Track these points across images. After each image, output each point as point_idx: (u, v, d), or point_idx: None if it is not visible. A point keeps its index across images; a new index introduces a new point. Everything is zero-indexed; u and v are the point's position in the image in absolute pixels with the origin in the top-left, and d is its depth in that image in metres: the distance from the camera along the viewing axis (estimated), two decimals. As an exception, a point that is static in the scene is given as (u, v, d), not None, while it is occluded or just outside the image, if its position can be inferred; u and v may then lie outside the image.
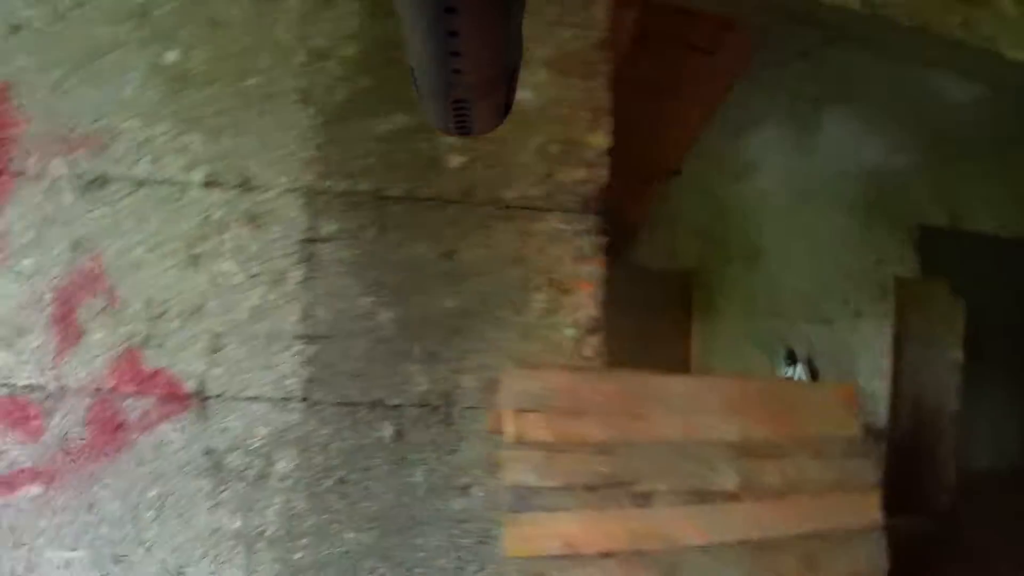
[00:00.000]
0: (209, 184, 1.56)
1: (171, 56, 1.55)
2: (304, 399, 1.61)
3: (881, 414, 3.49)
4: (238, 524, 1.61)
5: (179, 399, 1.59)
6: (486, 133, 0.83)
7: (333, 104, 1.59)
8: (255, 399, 1.60)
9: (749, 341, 5.10)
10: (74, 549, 1.58)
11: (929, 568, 2.73)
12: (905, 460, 3.29)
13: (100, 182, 1.56)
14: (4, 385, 1.56)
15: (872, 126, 4.11)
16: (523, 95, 1.63)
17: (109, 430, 1.59)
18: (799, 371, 5.13)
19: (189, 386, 1.59)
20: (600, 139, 1.66)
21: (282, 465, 1.62)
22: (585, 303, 1.67)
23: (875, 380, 3.54)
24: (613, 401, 1.62)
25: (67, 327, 1.57)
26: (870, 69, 3.97)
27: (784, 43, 3.32)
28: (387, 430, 1.64)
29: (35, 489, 1.58)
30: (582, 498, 1.55)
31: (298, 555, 1.63)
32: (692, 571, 1.61)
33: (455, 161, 1.62)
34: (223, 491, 1.61)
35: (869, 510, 1.76)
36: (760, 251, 5.09)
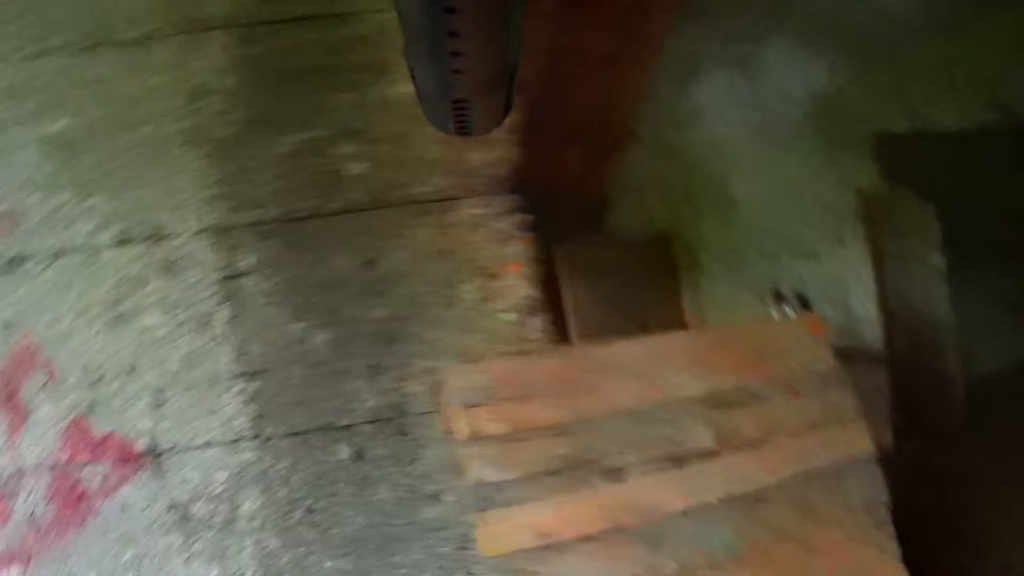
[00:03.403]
0: (120, 242, 1.57)
1: (60, 124, 1.56)
2: (255, 436, 1.60)
3: (877, 337, 3.35)
4: (215, 572, 1.60)
5: (134, 459, 1.59)
6: (487, 133, 0.82)
7: (223, 138, 1.58)
8: (207, 445, 1.59)
9: (739, 291, 4.96)
10: (63, 626, 1.58)
11: (940, 494, 2.60)
12: (909, 381, 3.14)
13: (17, 261, 1.57)
14: (-34, 477, 1.58)
15: (809, 48, 4.01)
16: (411, 87, 1.62)
17: (73, 501, 1.59)
18: (787, 309, 4.95)
19: (141, 444, 1.59)
20: (500, 116, 1.63)
21: (247, 506, 1.60)
22: (517, 285, 1.63)
23: (868, 304, 3.40)
24: (563, 379, 1.56)
25: (14, 407, 1.59)
26: (801, -1, 3.88)
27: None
28: (344, 452, 1.61)
29: (15, 571, 1.59)
30: (547, 484, 1.50)
31: (282, 594, 1.61)
32: (678, 538, 1.54)
33: (357, 168, 1.60)
34: (195, 542, 1.60)
35: (857, 441, 1.67)
36: (730, 199, 4.96)
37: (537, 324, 1.63)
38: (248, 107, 1.58)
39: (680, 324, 5.36)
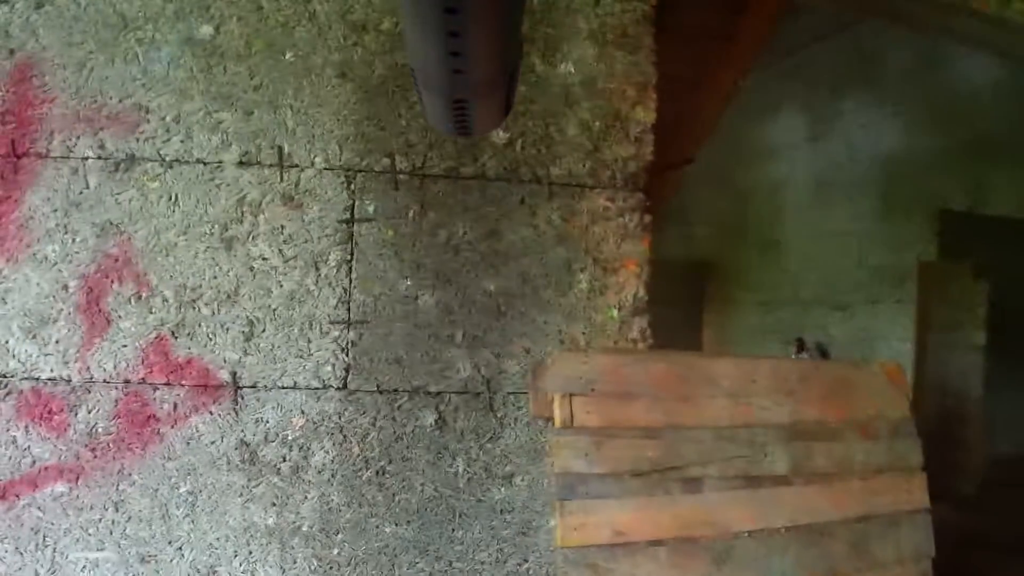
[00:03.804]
0: (243, 163, 1.50)
1: (205, 30, 1.49)
2: (342, 387, 1.55)
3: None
4: (272, 520, 1.55)
5: (212, 390, 1.52)
6: (486, 133, 0.82)
7: (372, 79, 1.53)
8: (291, 388, 1.54)
9: (764, 330, 5.04)
10: (100, 549, 1.51)
11: (954, 559, 2.69)
12: (930, 447, 3.24)
13: (128, 163, 1.49)
14: (27, 378, 1.49)
15: (889, 111, 4.12)
16: (566, 69, 1.60)
17: (138, 424, 1.52)
18: (806, 357, 5.08)
19: (222, 376, 1.52)
20: (645, 114, 1.63)
21: (319, 457, 1.55)
22: (631, 283, 1.63)
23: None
24: (661, 384, 1.57)
25: (94, 316, 1.50)
26: (887, 54, 3.99)
27: (800, 27, 3.30)
28: (428, 418, 1.58)
29: (59, 487, 1.50)
30: (630, 485, 1.50)
31: (334, 551, 1.57)
32: (743, 558, 1.56)
33: (498, 139, 1.57)
34: (257, 485, 1.54)
35: (916, 493, 1.73)
36: (777, 239, 5.07)
37: (642, 325, 1.64)
38: (403, 54, 1.53)
39: (698, 350, 5.42)
